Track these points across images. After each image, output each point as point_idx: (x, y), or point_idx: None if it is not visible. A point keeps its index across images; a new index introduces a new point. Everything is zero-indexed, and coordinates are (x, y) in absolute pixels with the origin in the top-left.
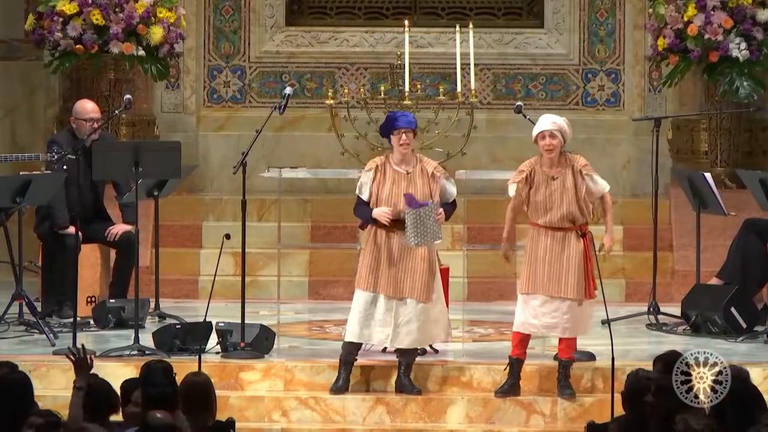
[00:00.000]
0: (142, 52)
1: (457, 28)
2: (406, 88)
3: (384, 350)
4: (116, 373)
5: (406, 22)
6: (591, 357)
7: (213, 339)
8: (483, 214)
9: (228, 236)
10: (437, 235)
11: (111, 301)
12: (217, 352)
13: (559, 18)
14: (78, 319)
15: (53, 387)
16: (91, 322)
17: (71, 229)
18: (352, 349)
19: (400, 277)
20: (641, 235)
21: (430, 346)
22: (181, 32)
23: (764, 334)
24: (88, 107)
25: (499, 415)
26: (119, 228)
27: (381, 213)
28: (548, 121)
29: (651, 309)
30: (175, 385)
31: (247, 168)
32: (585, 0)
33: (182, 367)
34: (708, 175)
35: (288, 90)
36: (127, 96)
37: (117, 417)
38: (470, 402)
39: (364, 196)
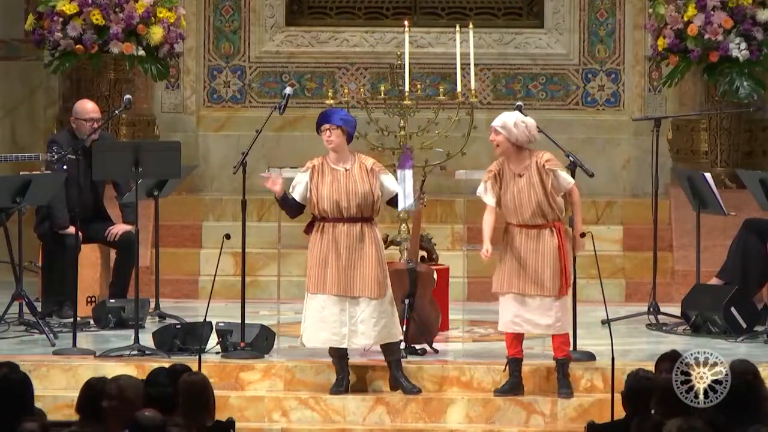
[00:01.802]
0: (142, 52)
1: (457, 28)
2: (406, 88)
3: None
4: (116, 373)
5: (406, 22)
6: (591, 357)
7: (213, 339)
8: (483, 214)
9: (228, 236)
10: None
11: (111, 301)
12: (217, 352)
13: (559, 18)
14: (78, 319)
15: (53, 387)
16: (91, 322)
17: (71, 229)
18: (338, 353)
19: (350, 276)
20: (641, 235)
21: (431, 346)
22: (181, 32)
23: (764, 334)
24: (88, 107)
25: (499, 415)
26: (119, 228)
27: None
28: (497, 118)
29: (651, 309)
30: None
31: (247, 168)
32: (585, 0)
33: None
34: (708, 175)
35: (288, 90)
36: (127, 96)
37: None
38: (470, 402)
39: (295, 196)
